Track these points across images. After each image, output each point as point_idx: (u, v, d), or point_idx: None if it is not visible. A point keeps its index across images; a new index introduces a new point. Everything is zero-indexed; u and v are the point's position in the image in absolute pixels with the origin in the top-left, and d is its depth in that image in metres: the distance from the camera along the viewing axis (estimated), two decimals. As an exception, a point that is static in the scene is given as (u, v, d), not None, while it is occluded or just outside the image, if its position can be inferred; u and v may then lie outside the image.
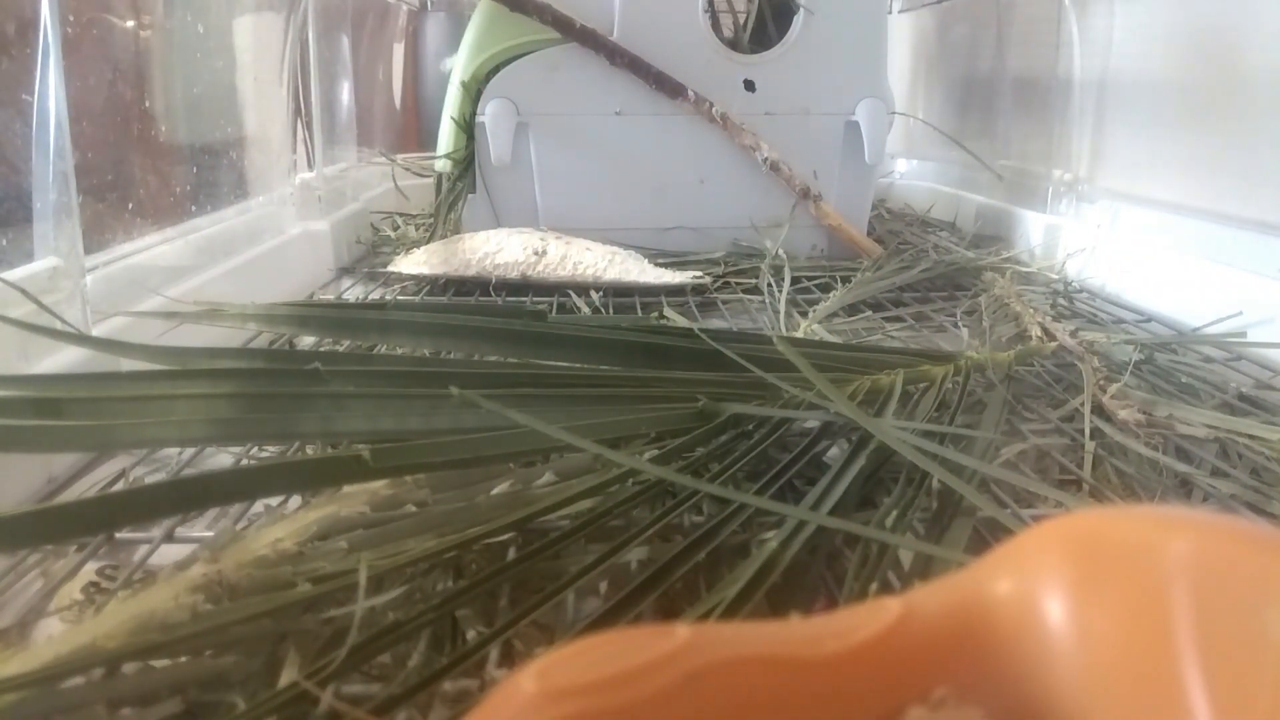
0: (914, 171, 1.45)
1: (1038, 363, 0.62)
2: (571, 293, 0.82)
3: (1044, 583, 0.21)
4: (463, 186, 1.00)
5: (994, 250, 1.00)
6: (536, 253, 0.85)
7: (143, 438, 0.45)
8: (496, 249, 0.86)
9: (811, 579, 0.37)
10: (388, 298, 0.86)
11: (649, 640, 0.20)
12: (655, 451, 0.47)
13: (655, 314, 0.76)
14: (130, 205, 0.70)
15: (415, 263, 0.87)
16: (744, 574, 0.36)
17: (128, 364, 0.48)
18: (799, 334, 0.71)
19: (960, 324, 0.76)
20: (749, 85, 0.96)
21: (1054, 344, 0.64)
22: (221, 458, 0.49)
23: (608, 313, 0.77)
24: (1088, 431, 0.51)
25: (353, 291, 0.91)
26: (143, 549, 0.39)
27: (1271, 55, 0.71)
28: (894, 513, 0.41)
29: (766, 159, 0.95)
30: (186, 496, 0.37)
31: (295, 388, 0.48)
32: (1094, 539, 0.21)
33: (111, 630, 0.31)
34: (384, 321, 0.59)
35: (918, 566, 0.37)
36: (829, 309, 0.78)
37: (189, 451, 0.49)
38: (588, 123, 0.95)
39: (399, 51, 1.46)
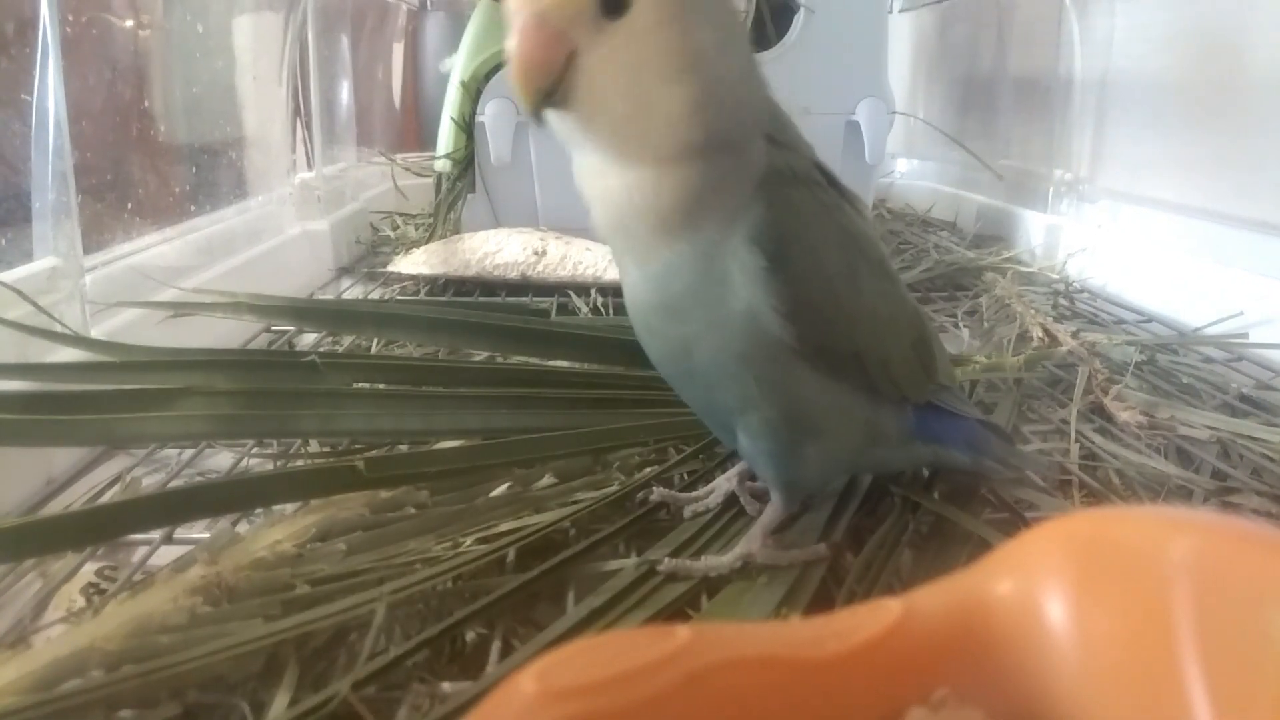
0: (914, 171, 1.45)
1: (1039, 363, 0.62)
2: (571, 293, 0.82)
3: (1044, 583, 0.21)
4: (462, 186, 1.00)
5: (995, 250, 1.00)
6: (536, 253, 0.85)
7: (144, 434, 0.45)
8: (496, 249, 0.86)
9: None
10: (387, 298, 0.86)
11: (649, 641, 0.20)
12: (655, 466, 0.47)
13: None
14: (129, 205, 0.70)
15: (415, 263, 0.87)
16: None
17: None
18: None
19: (961, 324, 0.76)
20: (749, 85, 0.96)
21: (1063, 349, 0.63)
22: (221, 457, 0.49)
23: (608, 313, 0.77)
24: (1080, 433, 0.51)
25: (352, 291, 0.91)
26: (142, 550, 0.39)
27: (1271, 55, 0.71)
28: (895, 518, 0.41)
29: (766, 159, 0.95)
30: (180, 508, 0.37)
31: (294, 385, 0.48)
32: (1094, 540, 0.21)
33: (110, 632, 0.31)
34: (383, 316, 0.59)
35: (919, 571, 0.37)
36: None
37: (188, 452, 0.49)
38: (588, 123, 0.95)
39: (399, 51, 1.46)
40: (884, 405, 0.37)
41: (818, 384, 0.35)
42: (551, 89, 0.31)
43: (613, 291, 0.84)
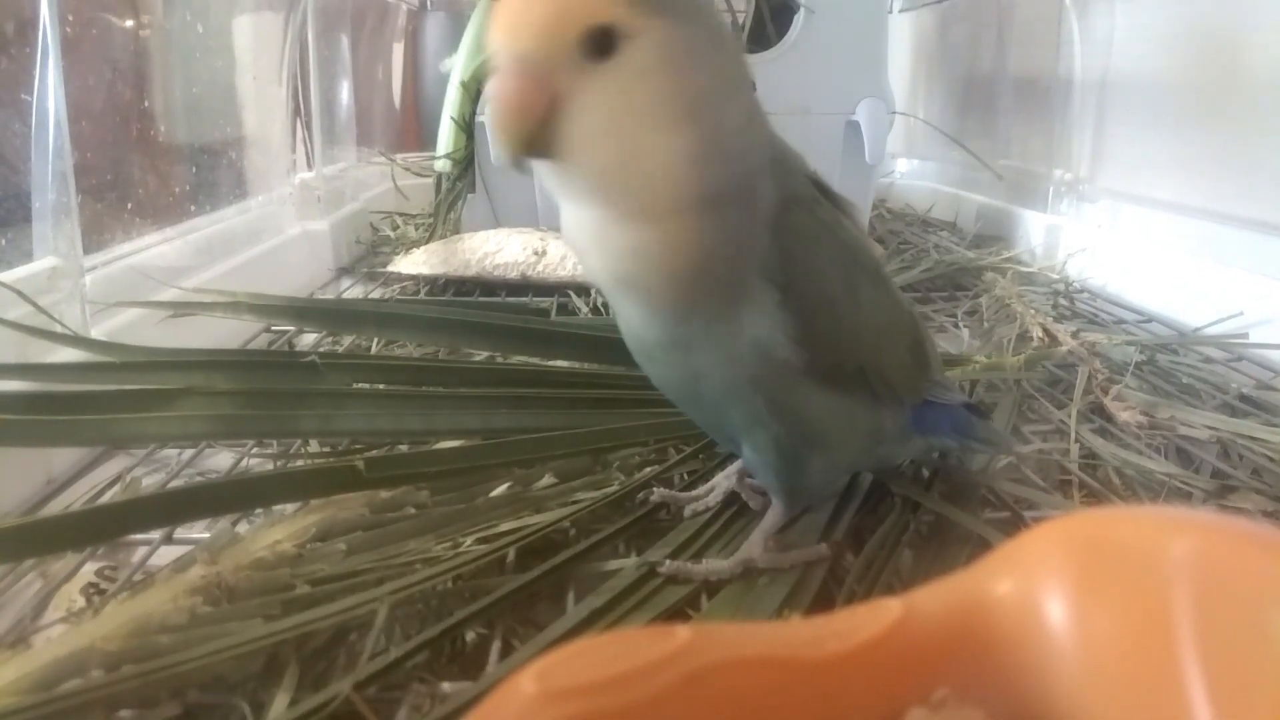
0: (914, 171, 1.45)
1: (1039, 363, 0.62)
2: (571, 293, 0.82)
3: (1045, 583, 0.21)
4: (462, 186, 1.00)
5: (995, 250, 1.00)
6: (536, 253, 0.85)
7: (144, 434, 0.45)
8: (496, 249, 0.86)
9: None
10: (387, 298, 0.86)
11: (649, 641, 0.20)
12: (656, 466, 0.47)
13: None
14: (129, 205, 0.70)
15: (415, 263, 0.87)
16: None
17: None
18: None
19: (961, 324, 0.76)
20: (749, 85, 0.96)
21: (1063, 349, 0.63)
22: (221, 457, 0.49)
23: (607, 313, 0.77)
24: (1080, 433, 0.51)
25: (352, 291, 0.90)
26: (142, 550, 0.39)
27: (1271, 55, 0.71)
28: (895, 518, 0.41)
29: (766, 159, 0.95)
30: (180, 508, 0.37)
31: (294, 385, 0.48)
32: (1094, 540, 0.21)
33: (110, 632, 0.31)
34: (383, 316, 0.59)
35: (919, 571, 0.37)
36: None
37: (188, 452, 0.49)
38: (588, 123, 0.95)
39: (399, 51, 1.46)
40: (884, 409, 0.37)
41: (825, 400, 0.35)
42: (534, 136, 0.28)
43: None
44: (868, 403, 0.36)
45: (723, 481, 0.42)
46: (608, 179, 0.29)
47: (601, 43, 0.27)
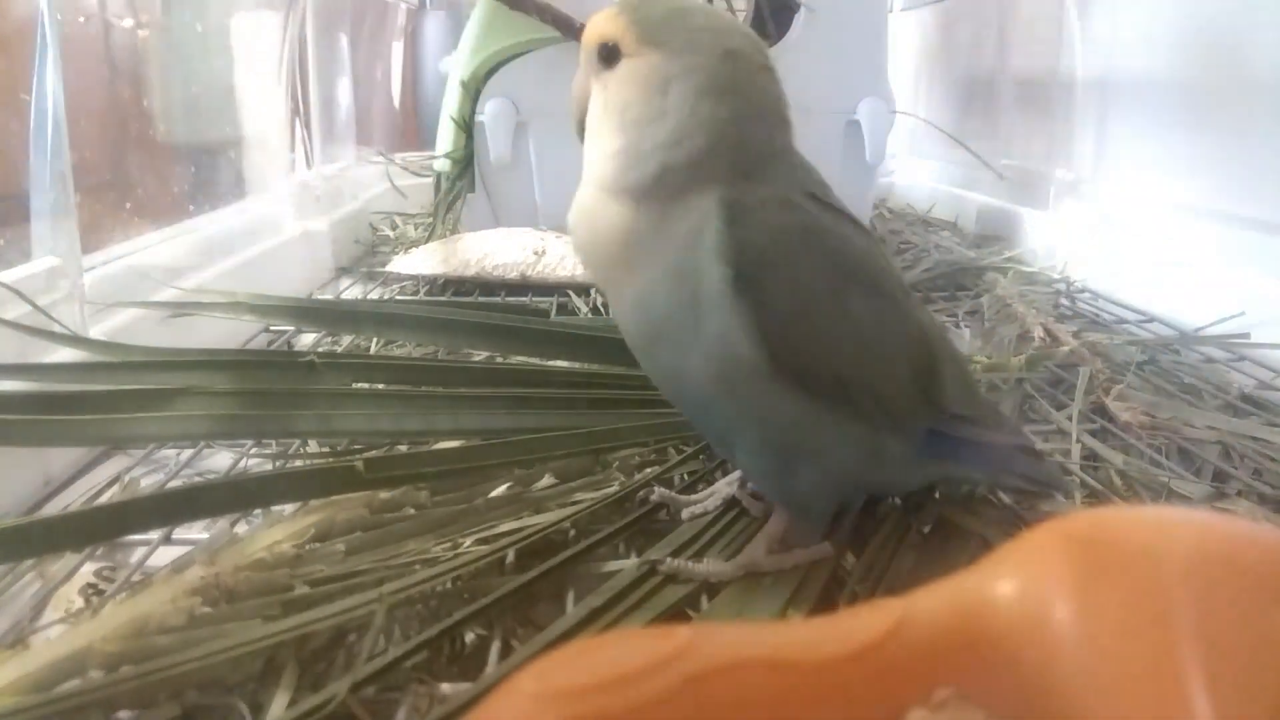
0: (915, 171, 1.45)
1: (1040, 363, 0.62)
2: (571, 293, 0.82)
3: (1046, 584, 0.21)
4: (462, 186, 1.00)
5: (996, 250, 1.00)
6: (536, 253, 0.84)
7: (143, 434, 0.45)
8: (496, 249, 0.85)
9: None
10: (387, 298, 0.86)
11: (649, 642, 0.20)
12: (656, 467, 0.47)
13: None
14: (128, 205, 0.70)
15: (414, 263, 0.87)
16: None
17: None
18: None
19: (962, 325, 0.75)
20: (749, 84, 0.96)
21: (1064, 349, 0.63)
22: (220, 457, 0.49)
23: (607, 313, 0.77)
24: (1081, 433, 0.51)
25: (351, 291, 0.90)
26: (140, 550, 0.39)
27: (1272, 55, 0.71)
28: (896, 518, 0.41)
29: (767, 158, 0.94)
30: (178, 508, 0.37)
31: (293, 385, 0.48)
32: (1096, 540, 0.21)
33: (109, 633, 0.31)
34: (382, 316, 0.59)
35: (920, 571, 0.37)
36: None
37: (187, 452, 0.49)
38: (587, 122, 0.95)
39: (398, 50, 1.46)
40: (886, 430, 0.36)
41: (799, 408, 0.34)
42: (582, 116, 0.37)
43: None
44: (857, 419, 0.35)
45: (724, 488, 0.41)
46: (592, 154, 0.36)
47: (608, 55, 0.35)
